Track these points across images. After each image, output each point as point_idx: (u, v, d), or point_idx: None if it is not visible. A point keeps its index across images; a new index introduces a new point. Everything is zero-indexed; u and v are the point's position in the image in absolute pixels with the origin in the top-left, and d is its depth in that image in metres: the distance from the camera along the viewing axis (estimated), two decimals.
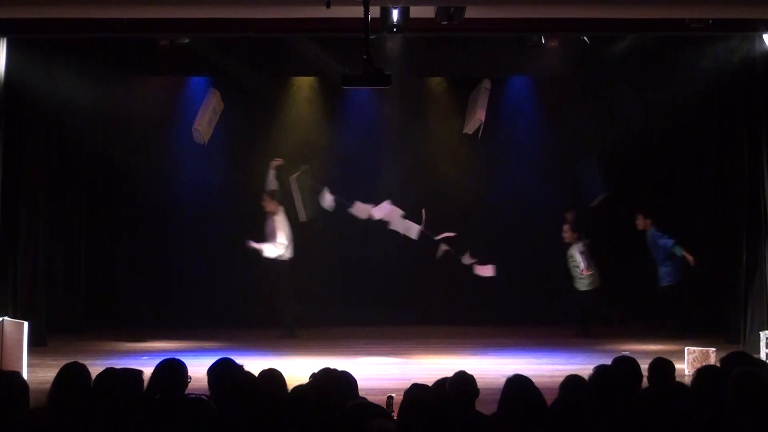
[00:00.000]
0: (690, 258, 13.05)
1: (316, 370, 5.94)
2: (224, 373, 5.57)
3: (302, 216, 13.66)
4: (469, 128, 13.69)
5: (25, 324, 10.27)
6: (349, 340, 12.85)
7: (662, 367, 5.94)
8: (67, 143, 13.62)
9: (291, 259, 13.35)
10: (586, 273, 13.39)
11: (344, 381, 5.68)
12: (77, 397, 5.15)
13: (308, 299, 13.69)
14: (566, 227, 13.54)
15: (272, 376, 5.69)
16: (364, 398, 5.58)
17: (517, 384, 5.26)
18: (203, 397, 5.24)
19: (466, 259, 13.15)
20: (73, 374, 5.37)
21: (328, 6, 9.14)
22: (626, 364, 5.79)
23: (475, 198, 14.31)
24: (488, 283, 13.86)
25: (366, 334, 13.20)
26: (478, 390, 5.49)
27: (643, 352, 11.78)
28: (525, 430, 4.88)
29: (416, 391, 5.34)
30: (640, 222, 13.46)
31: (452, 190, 14.27)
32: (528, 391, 5.21)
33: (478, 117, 13.48)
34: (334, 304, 14.05)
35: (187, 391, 5.54)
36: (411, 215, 13.60)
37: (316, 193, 13.60)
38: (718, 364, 6.22)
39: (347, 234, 14.12)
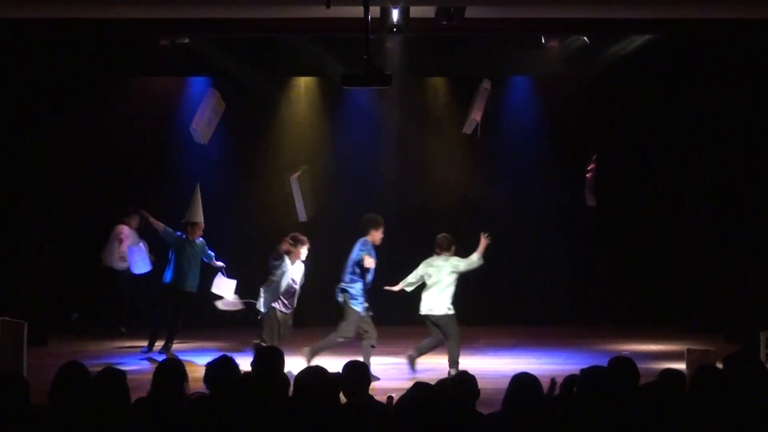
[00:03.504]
0: None
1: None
2: (223, 370, 5.58)
3: (302, 216, 13.67)
4: (467, 128, 13.72)
5: (25, 324, 10.26)
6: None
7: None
8: (67, 143, 13.62)
9: None
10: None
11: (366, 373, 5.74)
12: (77, 395, 5.15)
13: (309, 299, 13.67)
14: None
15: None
16: (372, 396, 5.62)
17: (522, 382, 5.24)
18: (204, 394, 5.26)
19: None
20: (73, 373, 5.37)
21: (328, 6, 9.14)
22: (623, 364, 5.79)
23: (474, 197, 14.31)
24: (488, 284, 13.85)
25: None
26: (479, 390, 5.49)
27: (644, 352, 11.79)
28: (524, 430, 4.88)
29: (418, 390, 5.34)
30: None
31: (452, 190, 14.27)
32: (532, 390, 5.20)
33: (473, 117, 13.52)
34: (335, 304, 14.02)
35: (188, 390, 5.55)
36: (409, 216, 13.65)
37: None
38: (719, 364, 6.22)
39: (347, 234, 14.11)
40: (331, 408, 5.09)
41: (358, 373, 5.64)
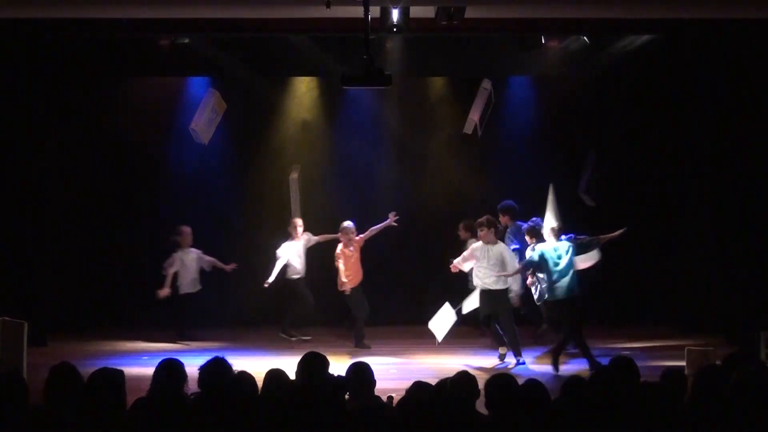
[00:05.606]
0: None
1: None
2: (215, 372, 5.58)
3: (295, 215, 13.69)
4: (467, 128, 13.74)
5: (25, 324, 10.27)
6: (350, 340, 12.82)
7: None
8: (67, 143, 13.62)
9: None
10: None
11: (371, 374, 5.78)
12: (69, 396, 5.15)
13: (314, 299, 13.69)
14: None
15: (275, 377, 5.71)
16: (379, 397, 5.63)
17: (499, 384, 5.27)
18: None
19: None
20: (63, 374, 5.37)
21: (328, 6, 9.15)
22: (624, 363, 5.81)
23: (474, 198, 14.29)
24: None
25: (366, 334, 13.16)
26: (479, 390, 5.49)
27: (644, 352, 11.79)
28: (525, 430, 4.88)
29: (418, 390, 5.34)
30: None
31: (451, 190, 14.26)
32: (510, 390, 5.22)
33: (471, 117, 13.55)
34: (335, 304, 14.02)
35: (187, 390, 5.55)
36: (408, 216, 13.64)
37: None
38: (719, 364, 6.22)
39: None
40: (336, 410, 5.09)
41: (363, 375, 5.65)
